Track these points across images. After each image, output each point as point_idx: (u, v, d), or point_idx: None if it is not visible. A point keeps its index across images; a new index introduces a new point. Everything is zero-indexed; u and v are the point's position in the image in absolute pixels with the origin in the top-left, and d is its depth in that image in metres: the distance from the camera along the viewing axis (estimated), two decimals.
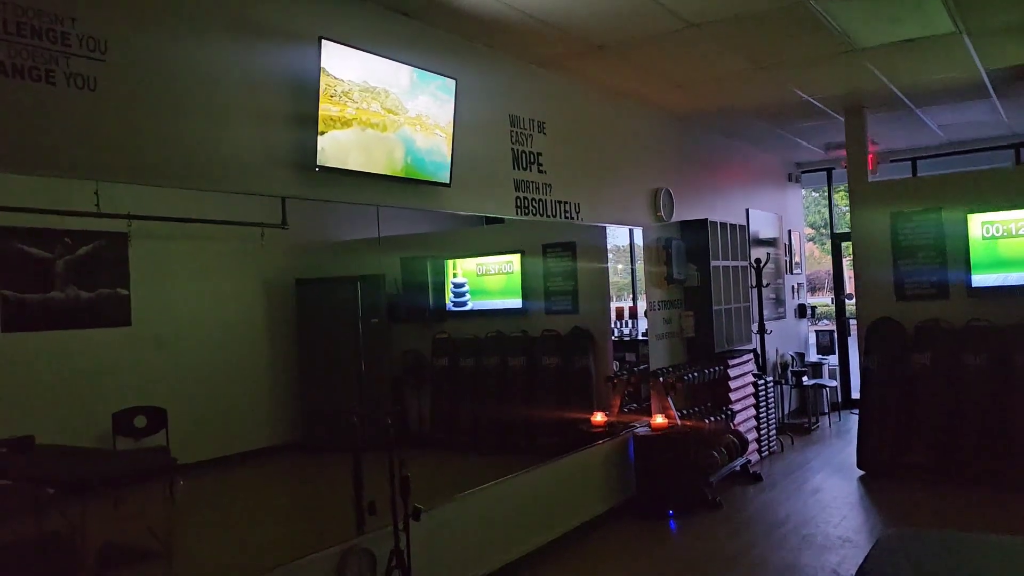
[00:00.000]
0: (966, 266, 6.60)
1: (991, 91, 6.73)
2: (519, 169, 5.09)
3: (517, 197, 5.06)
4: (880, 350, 6.82)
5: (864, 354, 6.96)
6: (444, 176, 4.32)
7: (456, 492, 4.48)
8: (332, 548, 3.67)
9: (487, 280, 7.77)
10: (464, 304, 7.87)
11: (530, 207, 5.16)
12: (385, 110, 3.92)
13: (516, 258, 7.49)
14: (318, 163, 3.60)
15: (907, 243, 6.94)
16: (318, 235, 7.46)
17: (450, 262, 7.91)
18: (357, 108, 3.76)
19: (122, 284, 6.02)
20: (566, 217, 5.52)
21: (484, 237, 7.89)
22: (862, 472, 6.69)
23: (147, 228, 5.69)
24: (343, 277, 7.49)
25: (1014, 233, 6.44)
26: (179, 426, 5.85)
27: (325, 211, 6.83)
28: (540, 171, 5.27)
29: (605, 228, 6.35)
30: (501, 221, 7.15)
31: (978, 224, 6.56)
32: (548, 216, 5.33)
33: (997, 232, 6.51)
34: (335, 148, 3.68)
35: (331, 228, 7.57)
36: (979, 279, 6.55)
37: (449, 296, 7.92)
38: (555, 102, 5.51)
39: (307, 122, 3.60)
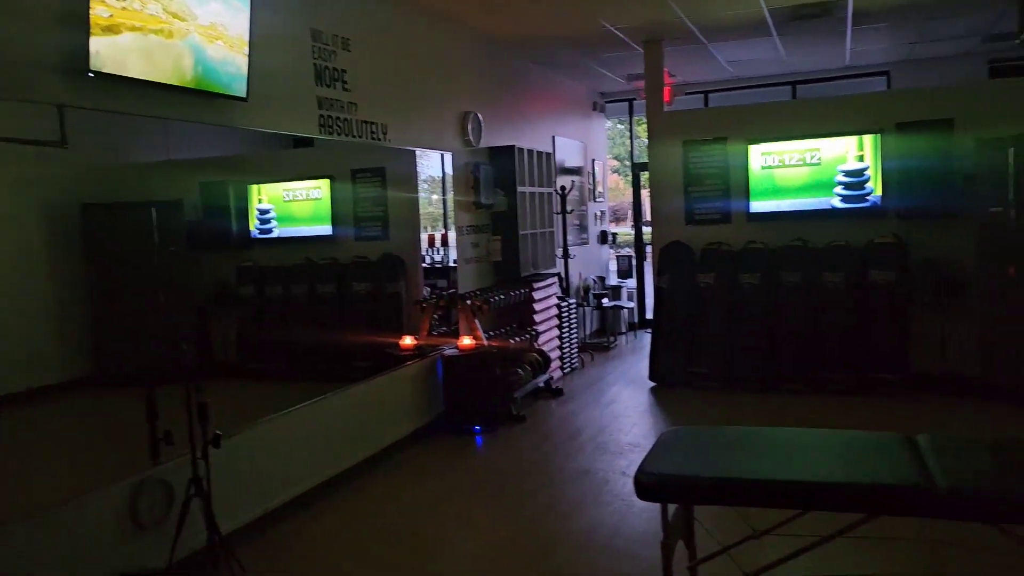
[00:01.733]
0: (746, 193, 7.20)
1: (772, 29, 7.27)
2: (322, 86, 4.92)
3: (321, 115, 4.91)
4: (671, 271, 7.34)
5: (657, 275, 7.48)
6: (240, 89, 4.10)
7: (261, 417, 4.41)
8: (123, 481, 3.51)
9: (294, 206, 7.51)
10: (270, 231, 7.58)
11: (335, 126, 5.03)
12: (169, 14, 3.63)
13: (325, 183, 7.27)
14: (91, 68, 3.29)
15: (697, 171, 7.45)
16: (107, 156, 6.85)
17: (255, 187, 7.56)
18: (133, 9, 3.45)
19: None
20: (373, 138, 5.43)
21: (291, 161, 7.57)
22: (653, 384, 7.25)
23: None
24: (136, 202, 6.97)
25: (787, 163, 7.08)
26: None
27: (114, 129, 6.26)
28: (345, 89, 5.12)
29: (414, 153, 6.31)
30: (310, 144, 6.91)
31: (757, 154, 7.15)
32: (354, 137, 5.22)
33: (773, 162, 7.13)
34: (112, 52, 3.37)
35: (122, 149, 6.96)
36: (757, 205, 7.18)
37: (254, 223, 7.59)
38: (361, 18, 5.34)
39: (77, 21, 3.26)
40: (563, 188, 8.39)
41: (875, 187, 6.78)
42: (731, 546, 3.25)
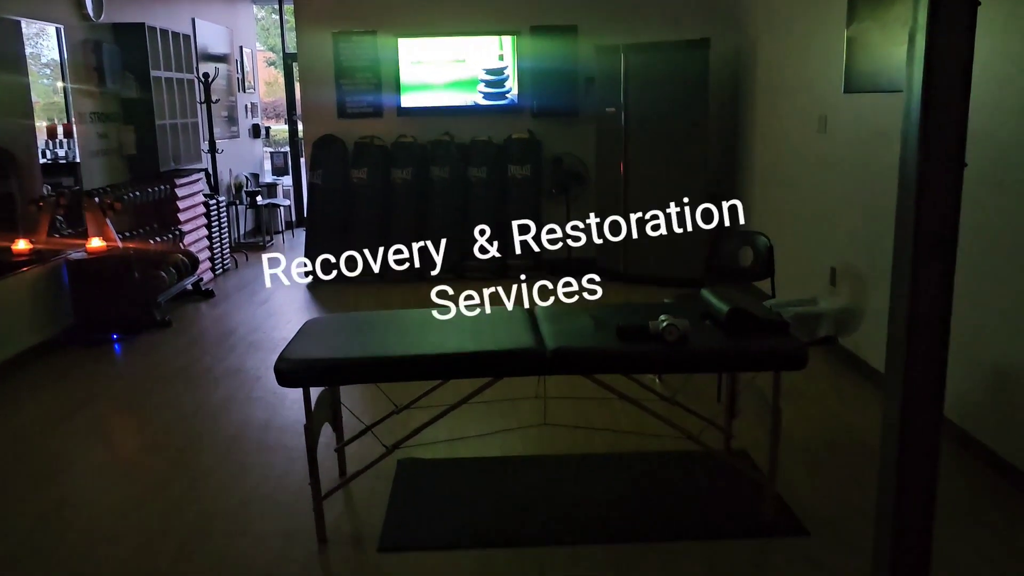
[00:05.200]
0: (397, 88, 7.28)
1: None
2: None
3: None
4: (324, 166, 7.26)
5: (311, 170, 7.35)
6: None
7: None
8: None
9: None
10: None
11: None
12: None
13: None
14: None
15: (348, 64, 7.34)
16: None
17: None
18: None
19: None
20: None
21: None
22: (308, 280, 7.22)
23: None
24: None
25: (435, 60, 7.26)
26: None
27: None
28: None
29: (20, 26, 5.39)
30: None
31: (407, 49, 7.23)
32: None
33: (422, 58, 7.26)
34: None
35: None
36: (407, 99, 7.30)
37: None
38: None
39: None
40: (206, 75, 7.79)
41: (513, 86, 7.24)
42: (375, 424, 3.44)
